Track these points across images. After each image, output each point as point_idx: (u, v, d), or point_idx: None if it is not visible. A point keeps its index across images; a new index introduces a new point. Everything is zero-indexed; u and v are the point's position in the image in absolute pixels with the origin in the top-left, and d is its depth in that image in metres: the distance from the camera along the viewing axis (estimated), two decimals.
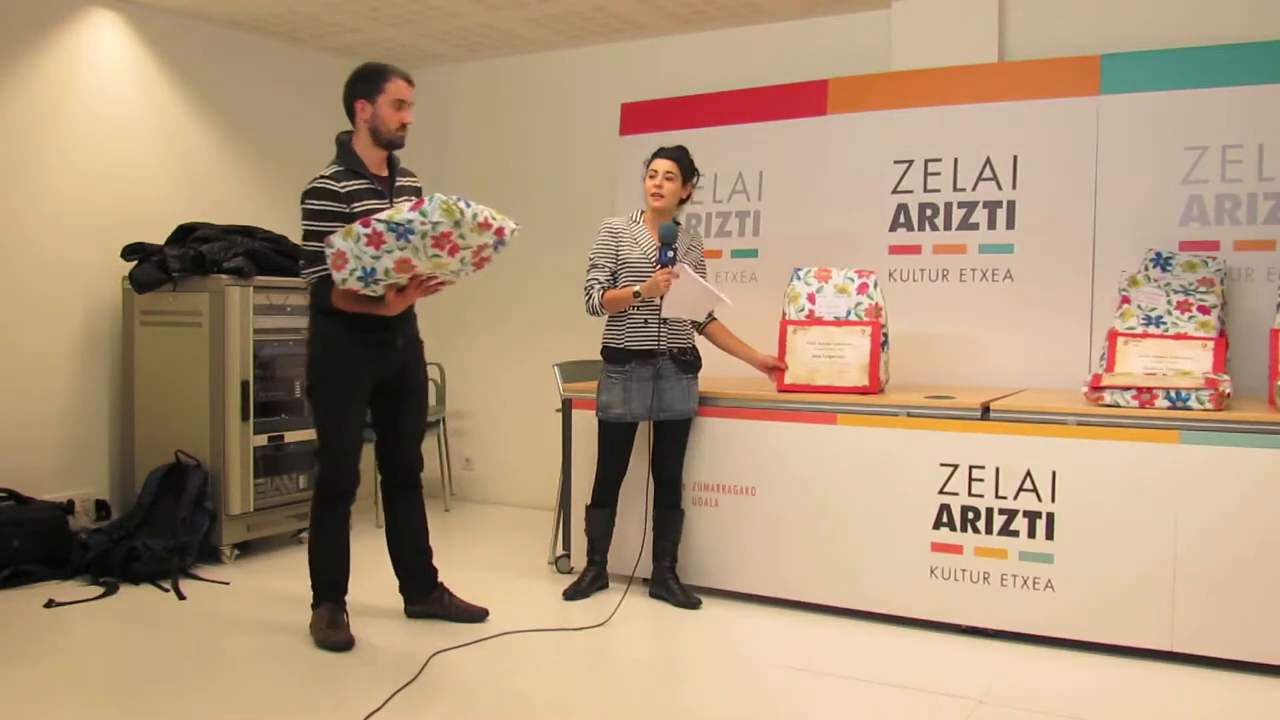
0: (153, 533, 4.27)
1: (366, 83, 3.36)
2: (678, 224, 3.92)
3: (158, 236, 4.67)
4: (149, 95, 4.96)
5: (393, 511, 3.66)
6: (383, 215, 3.06)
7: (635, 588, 4.01)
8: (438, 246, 3.06)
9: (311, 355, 3.44)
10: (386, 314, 3.29)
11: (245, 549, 4.50)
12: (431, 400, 5.68)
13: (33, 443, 4.51)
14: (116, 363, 4.78)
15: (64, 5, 4.63)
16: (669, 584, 3.94)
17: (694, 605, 3.88)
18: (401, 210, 3.05)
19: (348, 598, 3.51)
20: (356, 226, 3.07)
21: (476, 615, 3.63)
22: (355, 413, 3.43)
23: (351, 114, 3.39)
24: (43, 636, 3.54)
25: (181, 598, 3.97)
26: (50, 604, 3.81)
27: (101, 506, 4.65)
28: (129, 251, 4.63)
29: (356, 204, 3.28)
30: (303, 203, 3.30)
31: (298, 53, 5.50)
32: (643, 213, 3.95)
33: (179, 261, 4.50)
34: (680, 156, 3.91)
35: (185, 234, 4.64)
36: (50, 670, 3.24)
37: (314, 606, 3.48)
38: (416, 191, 3.47)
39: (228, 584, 4.15)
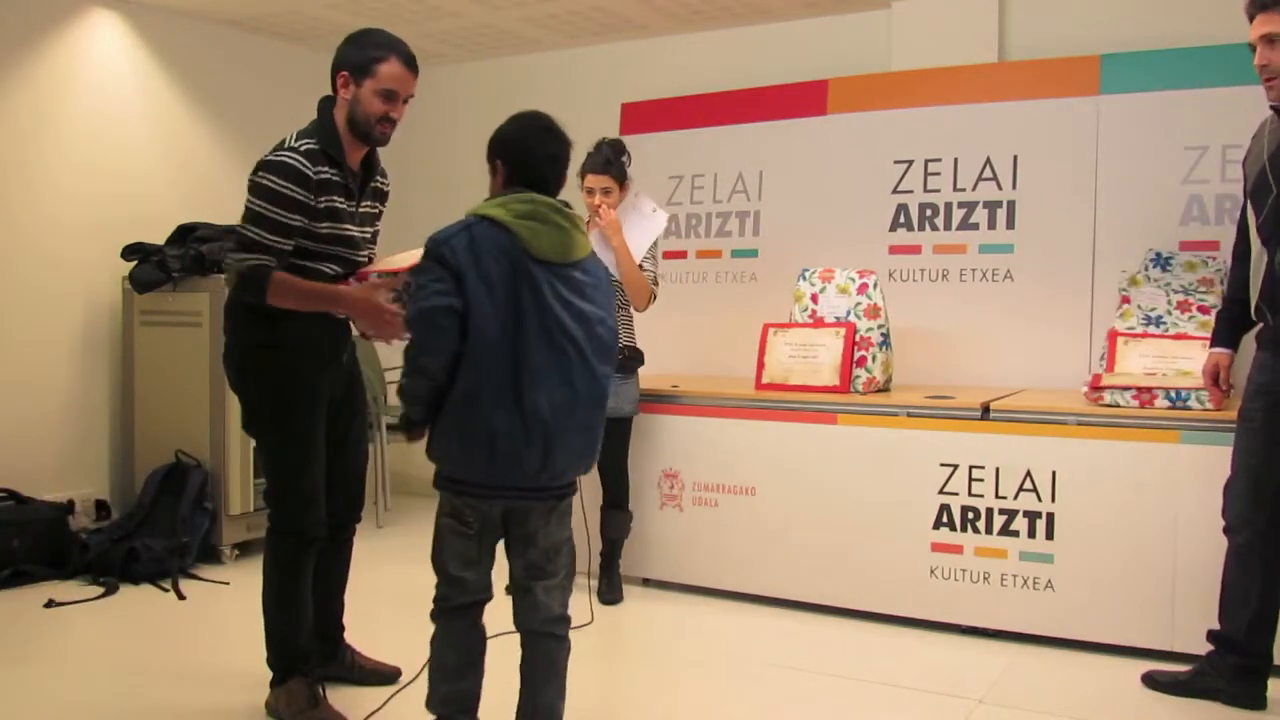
0: (153, 533, 4.27)
1: (359, 52, 2.69)
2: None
3: (158, 236, 4.67)
4: (149, 95, 4.96)
5: (316, 564, 2.89)
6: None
7: (634, 587, 4.01)
8: None
9: (247, 381, 2.78)
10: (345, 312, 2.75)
11: (245, 549, 4.50)
12: None
13: (33, 443, 4.51)
14: (116, 363, 4.78)
15: (64, 5, 4.63)
16: (602, 576, 3.93)
17: (613, 601, 3.87)
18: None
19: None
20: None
21: (387, 676, 3.06)
22: (317, 444, 2.78)
23: (334, 83, 2.72)
24: (43, 636, 3.54)
25: (181, 598, 3.97)
26: (50, 604, 3.81)
27: (101, 506, 4.65)
28: (129, 251, 4.63)
29: (324, 198, 2.66)
30: (257, 175, 2.62)
31: (299, 53, 5.50)
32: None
33: (179, 261, 4.50)
34: (611, 164, 3.82)
35: (185, 234, 4.64)
36: (50, 670, 3.24)
37: (277, 682, 2.81)
38: (385, 197, 2.96)
39: (228, 584, 4.15)
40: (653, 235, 3.86)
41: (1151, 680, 3.08)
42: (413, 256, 2.57)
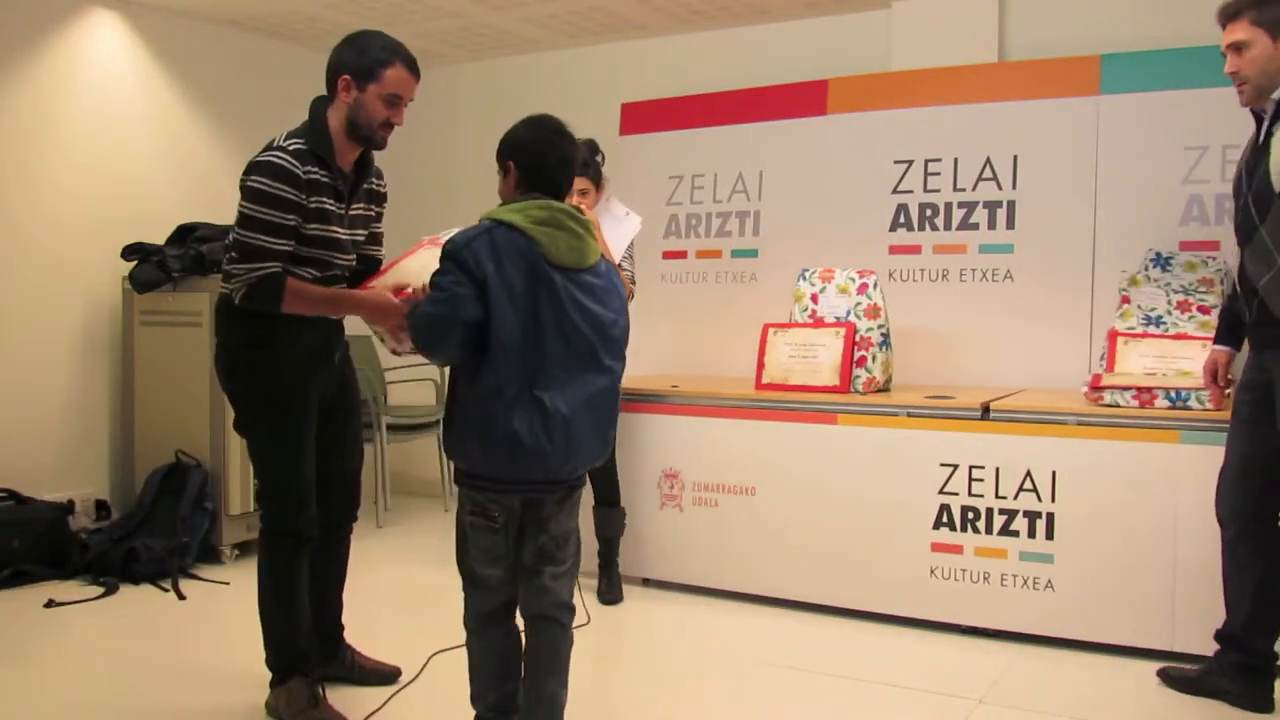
0: (153, 533, 4.28)
1: (361, 57, 2.68)
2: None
3: (158, 236, 4.67)
4: (149, 95, 4.96)
5: (312, 564, 2.86)
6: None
7: (634, 587, 4.00)
8: None
9: (238, 382, 2.78)
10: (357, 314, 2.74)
11: (245, 549, 4.50)
12: (431, 400, 5.70)
13: (33, 443, 4.51)
14: (116, 363, 4.79)
15: (64, 5, 4.63)
16: (601, 576, 3.94)
17: (613, 601, 3.88)
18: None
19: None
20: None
21: (387, 676, 3.07)
22: (309, 444, 2.78)
23: (332, 85, 2.71)
24: (43, 636, 3.54)
25: (181, 598, 3.97)
26: (50, 604, 3.81)
27: (101, 506, 4.65)
28: (129, 251, 4.63)
29: (313, 199, 2.64)
30: (248, 178, 2.61)
31: (298, 53, 5.50)
32: None
33: (179, 261, 4.50)
34: (588, 165, 3.75)
35: (185, 234, 4.64)
36: (50, 670, 3.24)
37: (277, 683, 2.81)
38: (381, 199, 2.95)
39: (228, 584, 4.15)
40: (629, 238, 3.89)
41: (1165, 675, 3.10)
42: (427, 262, 2.55)
